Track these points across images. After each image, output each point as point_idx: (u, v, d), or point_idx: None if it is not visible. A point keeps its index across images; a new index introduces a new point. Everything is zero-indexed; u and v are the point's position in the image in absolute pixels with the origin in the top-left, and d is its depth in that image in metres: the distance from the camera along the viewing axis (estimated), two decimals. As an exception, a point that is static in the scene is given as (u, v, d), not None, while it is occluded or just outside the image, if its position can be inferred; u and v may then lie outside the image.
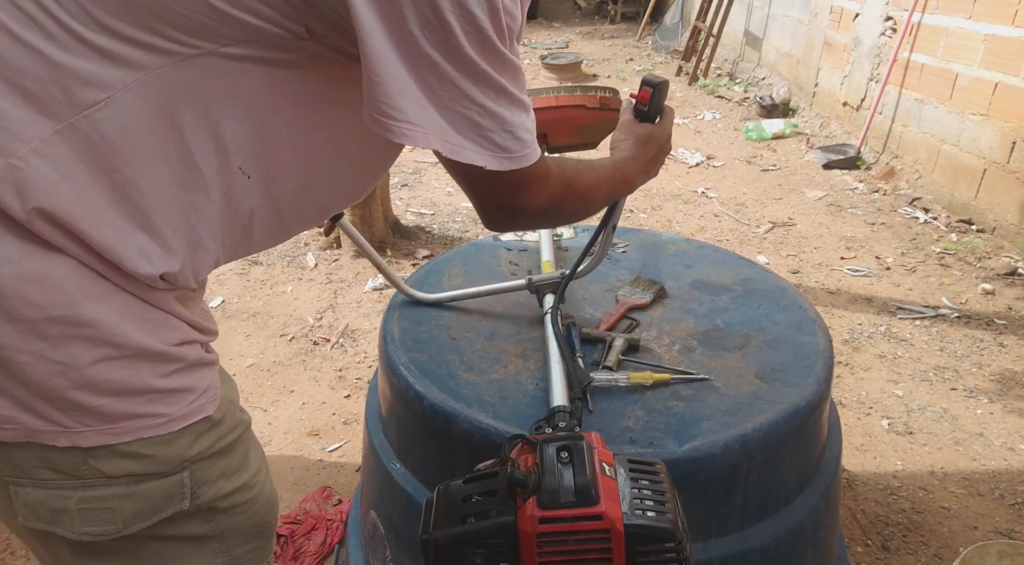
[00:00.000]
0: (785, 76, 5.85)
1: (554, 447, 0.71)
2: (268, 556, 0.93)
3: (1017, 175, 3.35)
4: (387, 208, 3.43)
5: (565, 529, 0.65)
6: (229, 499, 0.82)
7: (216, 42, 0.63)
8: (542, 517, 0.65)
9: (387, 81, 0.64)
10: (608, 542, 0.65)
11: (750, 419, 0.98)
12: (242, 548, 0.87)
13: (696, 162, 4.57)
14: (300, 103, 0.71)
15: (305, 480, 1.95)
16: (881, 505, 1.88)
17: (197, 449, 0.77)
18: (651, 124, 1.04)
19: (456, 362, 1.12)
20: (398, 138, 0.66)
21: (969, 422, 2.21)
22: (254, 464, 0.86)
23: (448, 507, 0.70)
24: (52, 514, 0.72)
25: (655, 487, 0.70)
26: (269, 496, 0.90)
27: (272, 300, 2.90)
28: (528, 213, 0.82)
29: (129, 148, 0.63)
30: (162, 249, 0.68)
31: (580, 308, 1.28)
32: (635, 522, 0.66)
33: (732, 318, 1.25)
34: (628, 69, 7.20)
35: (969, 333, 2.70)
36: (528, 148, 0.74)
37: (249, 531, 0.87)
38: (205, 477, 0.78)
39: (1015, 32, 3.33)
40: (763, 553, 1.02)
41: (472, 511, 0.68)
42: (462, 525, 0.67)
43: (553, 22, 9.93)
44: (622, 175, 1.01)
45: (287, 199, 0.77)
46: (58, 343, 0.64)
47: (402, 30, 0.63)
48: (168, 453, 0.74)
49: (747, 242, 3.47)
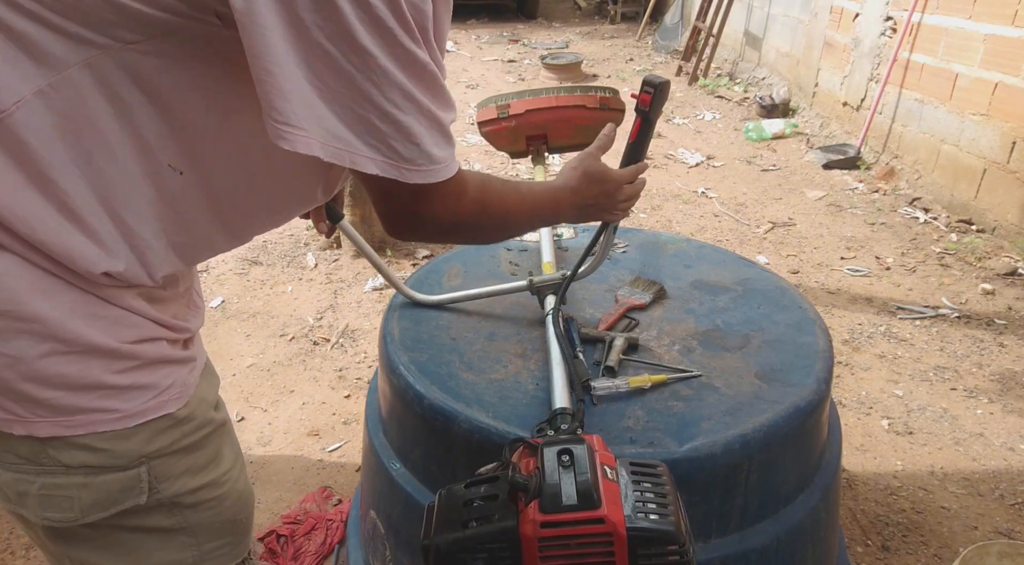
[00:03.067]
0: (785, 76, 5.85)
1: (555, 450, 0.70)
2: (242, 552, 0.94)
3: (1017, 175, 3.35)
4: (387, 208, 3.42)
5: (567, 533, 0.65)
6: (194, 495, 0.83)
7: (123, 38, 0.60)
8: (544, 521, 0.65)
9: (268, 77, 0.58)
10: (611, 545, 0.65)
11: (750, 419, 0.98)
12: (212, 543, 0.87)
13: (696, 162, 4.57)
14: (221, 98, 0.67)
15: (305, 480, 1.94)
16: (881, 505, 1.88)
17: (157, 445, 0.77)
18: (608, 168, 0.99)
19: (456, 362, 1.12)
20: (279, 142, 0.61)
21: (969, 422, 2.21)
22: (225, 463, 0.87)
23: (449, 512, 0.69)
24: (18, 497, 0.75)
25: (657, 489, 0.70)
26: (241, 494, 0.90)
27: (272, 300, 2.90)
28: (434, 226, 0.77)
29: (49, 152, 0.62)
30: (100, 248, 0.67)
31: (580, 308, 1.28)
32: (637, 525, 0.66)
33: (732, 318, 1.25)
34: (628, 69, 7.20)
35: (969, 333, 2.70)
36: (438, 163, 0.68)
37: (220, 527, 0.88)
38: (167, 473, 0.79)
39: (1015, 32, 3.33)
40: (763, 553, 1.02)
41: (474, 516, 0.68)
42: (463, 530, 0.67)
43: (553, 22, 9.93)
44: (554, 204, 0.94)
45: (228, 197, 0.75)
46: (5, 337, 0.65)
47: (289, 13, 0.56)
48: (124, 448, 0.75)
49: (747, 242, 3.47)
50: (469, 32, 9.00)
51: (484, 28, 9.30)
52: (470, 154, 4.64)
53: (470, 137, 4.96)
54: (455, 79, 6.64)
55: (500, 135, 1.41)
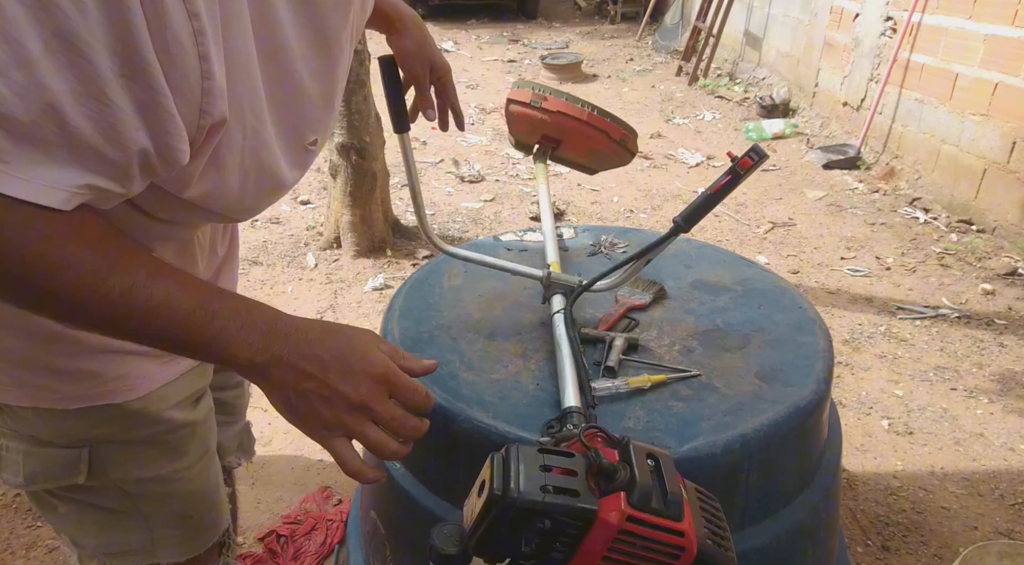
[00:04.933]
0: (785, 76, 5.85)
1: (643, 451, 0.69)
2: (197, 549, 0.95)
3: (1017, 175, 3.35)
4: (387, 208, 3.43)
5: (646, 533, 0.64)
6: (139, 486, 0.85)
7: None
8: (631, 515, 0.63)
9: None
10: (677, 560, 0.65)
11: (750, 419, 0.98)
12: (165, 531, 0.90)
13: (696, 162, 4.57)
14: None
15: (305, 480, 1.94)
16: (881, 505, 1.88)
17: (100, 431, 0.80)
18: (352, 335, 0.68)
19: (456, 362, 1.12)
20: None
21: (969, 422, 2.21)
22: (182, 462, 0.88)
23: (529, 469, 0.66)
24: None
25: (718, 521, 0.70)
26: (194, 494, 0.92)
27: (272, 300, 2.90)
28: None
29: None
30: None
31: (580, 308, 1.28)
32: (708, 550, 0.66)
33: (732, 318, 1.25)
34: (628, 69, 7.20)
35: (969, 333, 2.70)
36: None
37: (171, 520, 0.90)
38: (111, 459, 0.82)
39: (1015, 32, 3.33)
40: (763, 553, 1.01)
41: (552, 483, 0.65)
42: (543, 495, 0.64)
43: (553, 22, 9.93)
44: (206, 318, 0.60)
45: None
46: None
47: None
48: (66, 427, 0.78)
49: (747, 242, 3.47)
50: (469, 32, 9.00)
51: (484, 28, 9.30)
52: (470, 154, 4.64)
53: (470, 137, 4.96)
54: (455, 79, 6.63)
55: (523, 120, 1.40)
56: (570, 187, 4.12)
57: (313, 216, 3.69)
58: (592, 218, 3.73)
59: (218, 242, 0.93)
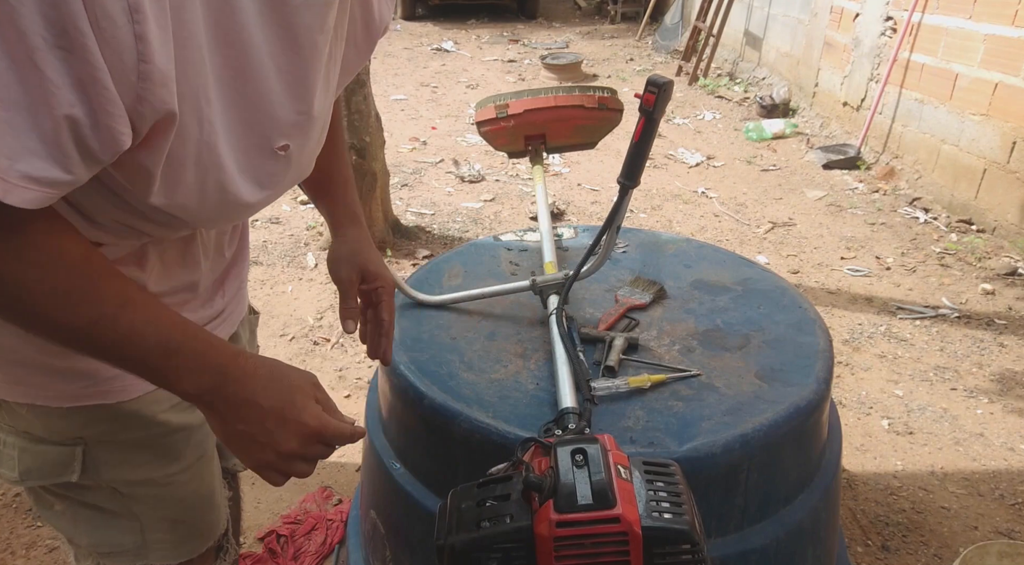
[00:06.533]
0: (785, 76, 5.85)
1: (568, 450, 0.69)
2: (189, 553, 0.95)
3: (1017, 175, 3.35)
4: (387, 208, 3.43)
5: (582, 532, 0.64)
6: (132, 488, 0.85)
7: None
8: (559, 521, 0.64)
9: None
10: (626, 545, 0.65)
11: (750, 419, 0.98)
12: (158, 534, 0.90)
13: (696, 162, 4.57)
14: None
15: (305, 480, 1.94)
16: (881, 505, 1.88)
17: (93, 431, 0.80)
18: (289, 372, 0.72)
19: (456, 362, 1.12)
20: None
21: (969, 422, 2.21)
22: (175, 466, 0.88)
23: (463, 512, 0.69)
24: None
25: (671, 488, 0.70)
26: (186, 499, 0.91)
27: (272, 300, 2.90)
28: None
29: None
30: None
31: (580, 308, 1.28)
32: (652, 524, 0.65)
33: (732, 318, 1.25)
34: (628, 69, 7.20)
35: (969, 333, 2.70)
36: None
37: (164, 523, 0.90)
38: (105, 459, 0.82)
39: (1015, 32, 3.33)
40: (763, 553, 1.01)
41: (487, 515, 0.67)
42: (478, 530, 0.66)
43: (553, 22, 9.93)
44: (164, 355, 0.63)
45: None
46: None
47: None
48: (61, 425, 0.79)
49: (747, 242, 3.47)
50: (469, 32, 9.00)
51: (484, 28, 9.30)
52: (470, 154, 4.64)
53: (470, 137, 4.96)
54: (455, 79, 6.65)
55: (499, 135, 1.41)
56: (570, 187, 4.12)
57: (313, 216, 3.68)
58: (592, 218, 3.72)
59: (225, 244, 0.92)
